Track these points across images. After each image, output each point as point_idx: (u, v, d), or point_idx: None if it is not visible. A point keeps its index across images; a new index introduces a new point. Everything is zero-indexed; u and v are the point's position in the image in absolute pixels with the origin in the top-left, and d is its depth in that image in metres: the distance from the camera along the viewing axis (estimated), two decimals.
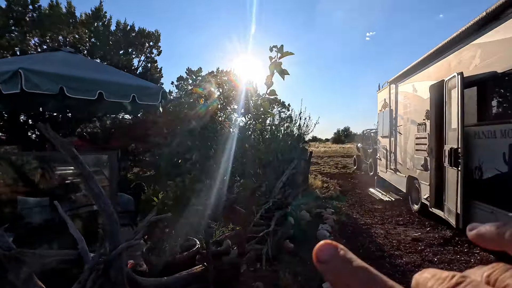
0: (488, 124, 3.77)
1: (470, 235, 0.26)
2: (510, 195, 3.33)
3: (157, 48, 11.69)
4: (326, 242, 0.23)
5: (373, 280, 0.21)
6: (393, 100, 7.68)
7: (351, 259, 0.22)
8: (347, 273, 0.21)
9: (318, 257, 0.23)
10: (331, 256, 0.22)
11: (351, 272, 0.21)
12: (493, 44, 3.62)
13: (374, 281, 0.21)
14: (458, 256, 4.02)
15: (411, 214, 6.21)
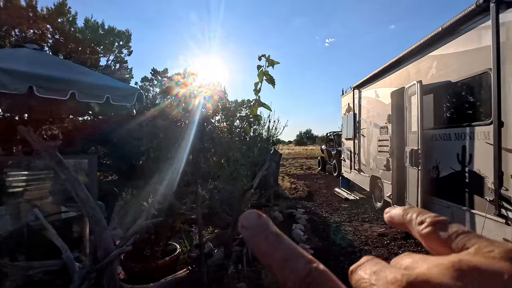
0: (444, 128, 4.20)
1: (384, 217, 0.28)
2: (463, 191, 3.74)
3: (128, 48, 11.19)
4: (251, 211, 0.25)
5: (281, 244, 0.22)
6: (357, 105, 8.17)
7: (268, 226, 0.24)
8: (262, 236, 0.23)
9: (242, 222, 0.24)
10: (252, 222, 0.24)
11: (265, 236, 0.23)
12: (448, 56, 4.06)
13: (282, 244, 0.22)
14: (419, 248, 4.41)
15: (375, 211, 6.65)
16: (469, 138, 3.63)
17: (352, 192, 8.66)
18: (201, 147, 2.04)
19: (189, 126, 2.01)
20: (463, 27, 3.68)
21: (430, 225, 0.23)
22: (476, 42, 3.49)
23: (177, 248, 3.30)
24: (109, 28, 10.18)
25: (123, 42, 10.76)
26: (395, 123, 5.74)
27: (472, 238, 0.21)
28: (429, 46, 4.43)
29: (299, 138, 70.14)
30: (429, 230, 0.23)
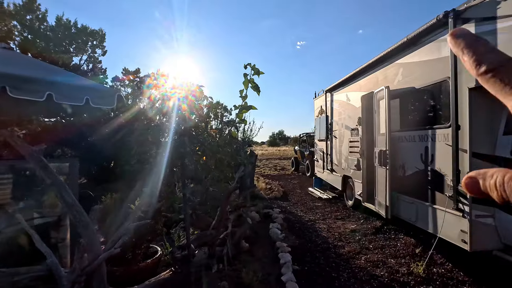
0: (409, 130, 4.55)
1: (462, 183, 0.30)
2: (426, 188, 4.08)
3: (102, 48, 10.75)
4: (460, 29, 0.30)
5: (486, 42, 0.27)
6: (329, 107, 8.51)
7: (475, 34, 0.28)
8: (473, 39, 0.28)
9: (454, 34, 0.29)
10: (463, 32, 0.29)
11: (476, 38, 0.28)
12: (412, 64, 4.40)
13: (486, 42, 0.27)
14: (388, 242, 4.74)
15: (347, 209, 6.99)
16: (431, 139, 3.97)
17: (325, 191, 8.99)
18: (190, 150, 2.10)
19: (177, 130, 2.06)
20: (426, 39, 4.02)
21: None
22: (437, 53, 3.83)
23: (158, 250, 3.30)
24: (82, 27, 9.74)
25: (97, 41, 10.35)
26: (365, 126, 6.08)
27: None
28: (396, 54, 4.78)
29: (272, 139, 70.87)
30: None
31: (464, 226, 3.35)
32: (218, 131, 2.29)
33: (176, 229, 3.88)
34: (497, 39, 2.93)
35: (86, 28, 9.78)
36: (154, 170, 2.34)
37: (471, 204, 3.27)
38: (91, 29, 9.87)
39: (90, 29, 9.83)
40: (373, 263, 3.97)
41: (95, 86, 3.43)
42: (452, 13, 3.39)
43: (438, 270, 3.65)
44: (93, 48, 10.32)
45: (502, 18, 2.87)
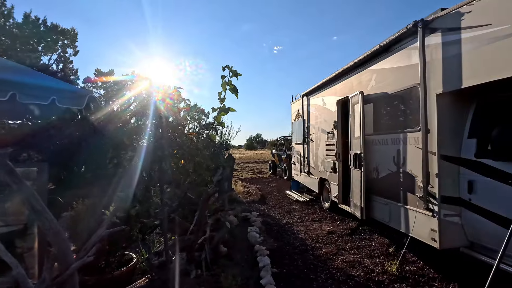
0: (382, 134, 4.73)
1: None
2: (398, 189, 4.25)
3: (74, 48, 10.26)
4: None
5: None
6: (306, 111, 8.67)
7: None
8: None
9: None
10: None
11: None
12: (385, 71, 4.59)
13: None
14: (363, 242, 4.87)
15: (324, 211, 7.12)
16: (403, 143, 4.15)
17: (302, 194, 9.12)
18: (168, 153, 2.05)
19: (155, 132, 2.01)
20: (397, 46, 4.22)
21: None
22: (407, 60, 4.03)
23: (134, 257, 3.19)
24: (52, 25, 9.26)
25: (68, 41, 9.88)
26: (341, 129, 6.25)
27: None
28: (369, 61, 4.97)
29: (249, 143, 71.04)
30: None
31: (433, 225, 3.51)
32: (196, 134, 2.26)
33: (152, 235, 3.77)
34: (461, 48, 3.13)
35: (57, 26, 9.32)
36: (130, 174, 2.26)
37: (440, 204, 3.44)
38: (62, 27, 9.42)
39: (61, 27, 9.39)
40: (350, 264, 4.06)
41: (63, 87, 3.28)
42: (421, 23, 3.58)
43: (411, 268, 3.80)
44: (63, 47, 9.85)
45: (466, 29, 3.06)
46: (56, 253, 1.73)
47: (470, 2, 2.96)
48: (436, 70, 3.46)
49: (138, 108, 6.16)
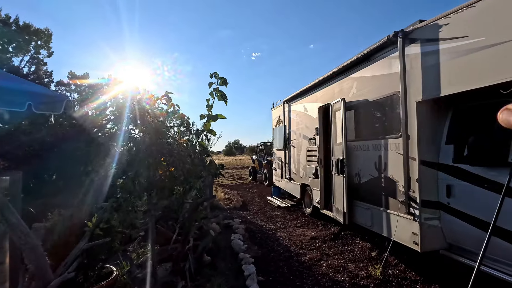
0: (363, 140, 4.84)
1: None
2: (380, 194, 4.35)
3: (48, 49, 9.69)
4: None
5: None
6: (287, 117, 8.74)
7: None
8: None
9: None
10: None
11: None
12: (366, 78, 4.72)
13: None
14: (346, 247, 4.93)
15: (306, 217, 7.16)
16: (384, 149, 4.27)
17: (284, 200, 9.13)
18: (159, 160, 1.96)
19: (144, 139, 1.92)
20: (378, 55, 4.35)
21: None
22: (388, 69, 4.16)
23: (114, 270, 3.02)
24: (24, 24, 8.72)
25: (42, 41, 9.35)
26: (322, 135, 6.34)
27: None
28: (351, 69, 5.09)
29: (228, 149, 70.56)
30: None
31: (415, 229, 3.61)
32: (187, 141, 2.19)
33: (134, 246, 3.60)
34: (440, 58, 3.27)
35: (29, 26, 8.80)
36: (112, 182, 2.14)
37: (420, 208, 3.55)
38: (35, 27, 8.91)
39: (34, 27, 8.87)
40: (334, 269, 4.08)
41: (39, 91, 3.08)
42: (401, 33, 3.72)
43: (394, 272, 3.88)
44: (37, 48, 9.30)
45: (443, 40, 3.21)
46: (33, 270, 1.59)
47: (448, 15, 3.12)
48: (415, 78, 3.60)
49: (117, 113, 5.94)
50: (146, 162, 1.78)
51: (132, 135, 2.05)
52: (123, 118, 3.42)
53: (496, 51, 2.68)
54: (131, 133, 2.28)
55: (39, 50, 9.49)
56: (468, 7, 2.91)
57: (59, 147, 6.66)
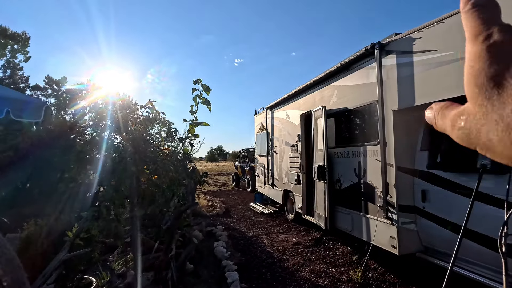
0: (343, 146, 4.98)
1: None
2: (360, 199, 4.48)
3: (25, 53, 9.31)
4: None
5: None
6: (270, 124, 8.84)
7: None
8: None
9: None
10: None
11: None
12: (345, 87, 4.89)
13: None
14: (328, 252, 5.01)
15: (288, 223, 7.22)
16: (363, 155, 4.41)
17: (266, 206, 9.17)
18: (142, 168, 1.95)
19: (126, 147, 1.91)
20: (356, 65, 4.52)
21: None
22: (366, 78, 4.33)
23: (93, 281, 2.94)
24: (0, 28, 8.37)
25: (19, 45, 8.98)
26: (304, 142, 6.46)
27: None
28: (331, 78, 5.25)
29: (210, 155, 70.08)
30: None
31: (393, 233, 3.74)
32: (171, 149, 2.19)
33: (114, 256, 3.51)
34: (414, 70, 3.45)
35: (5, 29, 8.46)
36: (95, 190, 2.10)
37: (398, 213, 3.69)
38: (12, 31, 8.56)
39: (11, 31, 8.52)
40: (316, 274, 4.14)
41: (18, 97, 2.98)
42: (378, 45, 3.89)
43: (373, 275, 3.99)
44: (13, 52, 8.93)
45: (417, 53, 3.40)
46: (10, 283, 1.53)
47: (421, 29, 3.31)
48: (392, 88, 3.77)
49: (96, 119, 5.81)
50: (129, 170, 1.77)
51: (115, 143, 2.03)
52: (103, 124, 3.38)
53: (463, 65, 2.86)
54: (114, 141, 2.26)
55: (15, 54, 9.13)
56: (439, 23, 3.10)
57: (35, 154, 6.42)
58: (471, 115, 0.23)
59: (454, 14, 2.88)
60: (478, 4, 0.25)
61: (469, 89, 0.24)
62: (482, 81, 0.23)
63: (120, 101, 3.03)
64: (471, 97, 0.24)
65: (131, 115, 2.24)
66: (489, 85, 0.22)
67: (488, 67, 0.22)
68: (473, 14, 0.25)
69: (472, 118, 0.23)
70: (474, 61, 0.24)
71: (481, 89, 0.23)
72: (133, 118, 2.24)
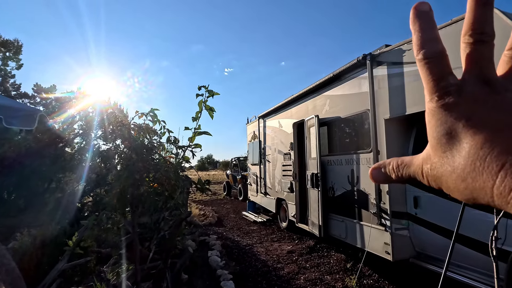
0: (336, 154, 5.07)
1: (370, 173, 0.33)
2: (353, 206, 4.55)
3: (17, 61, 9.14)
4: (423, 4, 0.27)
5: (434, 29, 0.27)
6: (262, 133, 8.90)
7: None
8: (426, 24, 0.27)
9: (416, 10, 0.27)
10: (424, 11, 0.27)
11: (429, 24, 0.27)
12: (338, 97, 5.00)
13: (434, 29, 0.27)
14: (322, 260, 5.04)
15: (282, 231, 7.22)
16: (356, 163, 4.50)
17: (259, 215, 9.15)
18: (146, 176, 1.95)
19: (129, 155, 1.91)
20: (348, 75, 4.65)
21: None
22: (358, 88, 4.45)
23: None
24: None
25: (11, 53, 8.83)
26: (297, 150, 6.53)
27: None
28: (324, 87, 5.37)
29: (200, 164, 69.57)
30: None
31: (386, 239, 3.81)
32: (174, 157, 2.20)
33: (109, 266, 3.44)
34: (404, 80, 3.59)
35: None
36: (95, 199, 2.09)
37: (391, 219, 3.76)
38: (4, 38, 8.43)
39: (2, 38, 8.40)
40: (312, 282, 4.15)
41: (10, 104, 2.95)
42: (369, 56, 4.03)
43: (368, 282, 4.03)
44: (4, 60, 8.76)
45: (407, 64, 3.53)
46: None
47: (411, 41, 3.44)
48: (383, 98, 3.89)
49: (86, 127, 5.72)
50: (132, 178, 1.78)
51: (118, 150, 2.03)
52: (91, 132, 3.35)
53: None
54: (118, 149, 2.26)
55: (7, 61, 8.97)
56: None
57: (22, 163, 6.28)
58: (433, 164, 0.26)
59: (443, 27, 3.02)
60: (428, 57, 0.26)
61: (430, 140, 0.27)
62: (437, 135, 0.25)
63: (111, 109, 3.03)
64: (432, 147, 0.26)
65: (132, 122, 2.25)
66: (443, 140, 0.25)
67: (441, 124, 0.25)
68: (425, 67, 0.27)
69: (435, 166, 0.26)
70: (431, 117, 0.26)
71: (438, 143, 0.25)
72: (135, 126, 2.25)
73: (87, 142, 5.64)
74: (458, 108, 0.25)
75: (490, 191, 0.21)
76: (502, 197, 0.20)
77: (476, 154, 0.22)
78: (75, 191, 5.08)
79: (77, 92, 12.33)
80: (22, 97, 10.14)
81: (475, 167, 0.22)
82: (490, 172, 0.21)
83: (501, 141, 0.22)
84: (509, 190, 0.20)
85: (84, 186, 4.80)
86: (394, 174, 0.30)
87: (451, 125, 0.25)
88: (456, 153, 0.24)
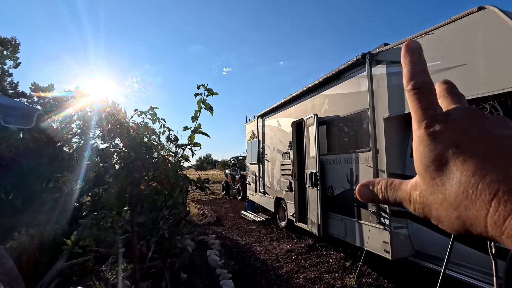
0: (335, 153, 5.07)
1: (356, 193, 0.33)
2: (352, 205, 4.55)
3: (14, 59, 9.09)
4: (413, 43, 0.30)
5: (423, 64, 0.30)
6: (261, 132, 8.89)
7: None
8: (416, 59, 0.29)
9: (407, 47, 0.30)
10: (414, 48, 0.30)
11: (419, 59, 0.29)
12: (337, 96, 5.00)
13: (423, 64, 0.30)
14: (321, 259, 5.04)
15: (280, 230, 7.22)
16: (355, 162, 4.50)
17: (258, 214, 9.14)
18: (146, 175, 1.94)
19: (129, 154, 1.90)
20: (347, 74, 4.65)
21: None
22: (357, 87, 4.46)
23: None
24: None
25: (8, 51, 8.77)
26: (296, 149, 6.53)
27: None
28: (322, 86, 5.37)
29: (199, 163, 69.47)
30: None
31: (385, 238, 3.81)
32: (173, 155, 2.19)
33: (107, 265, 3.43)
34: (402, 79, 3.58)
35: None
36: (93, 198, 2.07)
37: (390, 218, 3.77)
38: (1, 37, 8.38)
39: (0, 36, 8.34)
40: (311, 280, 4.16)
41: (8, 103, 2.93)
42: (368, 55, 4.03)
43: (367, 280, 4.03)
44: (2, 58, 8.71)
45: None
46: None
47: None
48: (382, 97, 3.89)
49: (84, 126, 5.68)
50: (131, 177, 1.76)
51: (117, 149, 2.02)
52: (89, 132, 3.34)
53: (450, 74, 3.00)
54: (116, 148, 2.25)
55: (4, 60, 8.92)
56: (427, 34, 3.25)
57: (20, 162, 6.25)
58: (423, 191, 0.26)
59: (442, 26, 3.03)
60: (417, 87, 0.28)
61: (418, 167, 0.26)
62: (426, 163, 0.25)
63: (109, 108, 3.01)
64: (420, 175, 0.26)
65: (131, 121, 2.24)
66: (432, 167, 0.25)
67: (430, 151, 0.25)
68: (414, 97, 0.28)
69: (424, 193, 0.25)
70: (418, 144, 0.26)
71: (426, 170, 0.25)
72: (134, 124, 2.24)
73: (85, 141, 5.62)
74: (446, 135, 0.25)
75: (483, 220, 0.21)
76: (496, 226, 0.20)
77: (468, 182, 0.22)
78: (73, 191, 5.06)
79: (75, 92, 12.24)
80: (19, 96, 10.08)
81: (467, 195, 0.22)
82: (483, 200, 0.21)
83: (492, 169, 0.21)
84: (503, 220, 0.19)
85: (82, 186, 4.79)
86: (381, 195, 0.30)
87: (440, 152, 0.24)
88: (446, 180, 0.23)
